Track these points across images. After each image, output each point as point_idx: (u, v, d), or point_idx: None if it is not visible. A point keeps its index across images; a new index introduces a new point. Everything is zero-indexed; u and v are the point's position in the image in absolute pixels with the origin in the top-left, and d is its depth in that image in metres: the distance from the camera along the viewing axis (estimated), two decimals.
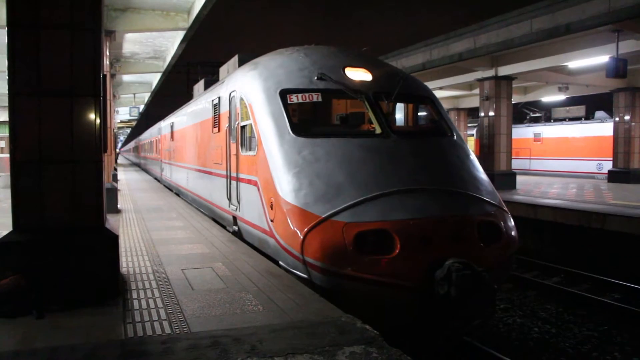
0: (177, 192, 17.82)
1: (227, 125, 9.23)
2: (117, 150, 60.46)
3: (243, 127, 8.20)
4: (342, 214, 5.79)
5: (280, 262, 6.51)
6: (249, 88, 7.88)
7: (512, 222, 6.64)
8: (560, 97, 26.62)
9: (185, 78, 28.96)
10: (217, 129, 10.32)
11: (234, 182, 8.73)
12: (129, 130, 78.52)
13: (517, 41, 17.03)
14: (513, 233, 6.55)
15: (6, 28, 5.03)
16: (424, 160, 6.86)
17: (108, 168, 13.81)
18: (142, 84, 31.41)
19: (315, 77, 7.41)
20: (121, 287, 5.55)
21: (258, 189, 7.22)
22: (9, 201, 5.20)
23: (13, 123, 5.09)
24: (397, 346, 3.97)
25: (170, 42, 19.12)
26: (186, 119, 15.24)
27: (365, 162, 6.51)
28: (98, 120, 5.30)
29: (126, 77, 27.76)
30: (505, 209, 6.76)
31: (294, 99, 7.27)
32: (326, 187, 6.12)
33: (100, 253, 5.25)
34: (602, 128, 27.61)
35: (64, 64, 5.15)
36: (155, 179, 26.53)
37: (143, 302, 5.14)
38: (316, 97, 7.31)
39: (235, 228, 8.86)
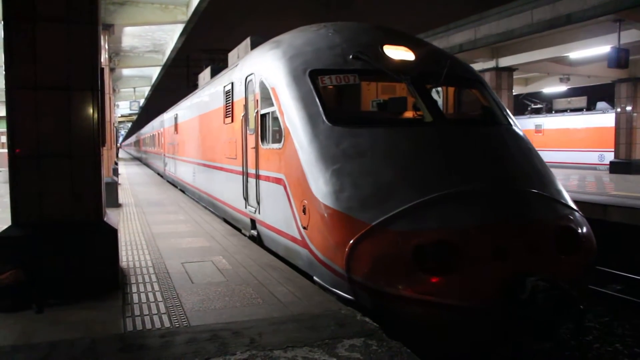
0: (182, 189, 16.79)
1: (242, 114, 8.21)
2: (118, 144, 60.46)
3: (264, 116, 7.21)
4: (396, 221, 4.79)
5: (315, 278, 5.49)
6: (272, 69, 6.79)
7: (588, 226, 5.57)
8: (562, 88, 26.56)
9: (186, 72, 28.92)
10: (229, 118, 9.20)
11: (252, 180, 7.71)
12: (129, 125, 78.50)
13: (517, 32, 16.96)
14: (591, 239, 5.50)
15: (2, 22, 5.00)
16: (484, 153, 5.89)
17: (108, 162, 13.81)
18: (142, 78, 31.35)
19: (350, 56, 6.35)
20: (121, 281, 5.55)
21: (285, 189, 6.18)
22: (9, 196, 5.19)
23: (10, 118, 5.07)
24: (397, 339, 3.96)
25: (169, 36, 19.06)
26: (192, 109, 14.16)
27: (418, 156, 5.55)
28: (96, 114, 5.28)
29: (126, 71, 27.69)
30: (578, 210, 5.72)
31: (327, 81, 6.23)
32: (373, 187, 5.15)
33: (99, 247, 5.25)
34: (604, 119, 27.53)
35: (61, 58, 5.13)
36: (158, 174, 25.65)
37: (143, 296, 5.14)
38: (353, 79, 6.34)
39: (254, 232, 7.81)
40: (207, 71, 13.49)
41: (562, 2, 15.16)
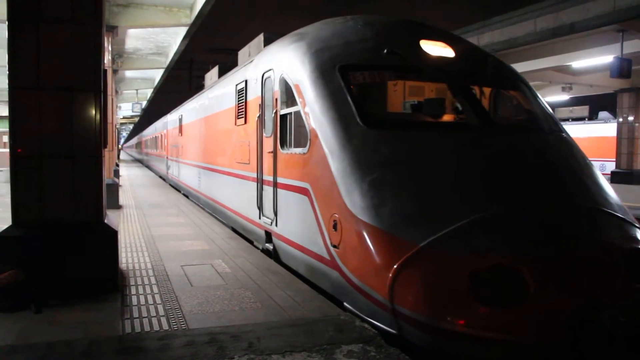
0: (186, 194, 15.95)
1: (257, 114, 7.48)
2: (120, 146, 60.56)
3: (284, 117, 6.48)
4: (448, 241, 4.08)
5: (346, 305, 4.75)
6: (295, 64, 6.05)
7: None
8: (564, 97, 26.57)
9: (189, 75, 28.94)
10: (242, 119, 8.44)
11: (268, 188, 6.99)
12: (131, 127, 78.63)
13: (520, 40, 17.00)
14: None
15: (6, 22, 5.02)
16: (540, 163, 5.21)
17: (109, 164, 13.82)
18: (144, 80, 31.42)
19: (385, 51, 5.65)
20: (120, 282, 5.54)
21: (310, 200, 5.45)
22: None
23: (13, 118, 5.08)
24: (395, 345, 3.95)
25: (172, 38, 19.11)
26: (198, 110, 13.41)
27: (467, 164, 4.89)
28: (98, 116, 5.29)
29: (129, 73, 27.76)
30: None
31: (359, 78, 5.62)
32: (418, 201, 4.48)
33: (99, 248, 5.25)
34: (605, 128, 27.55)
35: (64, 59, 5.14)
36: (161, 177, 24.94)
37: (141, 298, 5.13)
38: (389, 77, 5.83)
39: (269, 246, 7.03)
40: (214, 70, 12.85)
41: (565, 12, 15.20)
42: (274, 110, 6.72)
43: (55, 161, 5.17)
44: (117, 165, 22.10)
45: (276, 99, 6.68)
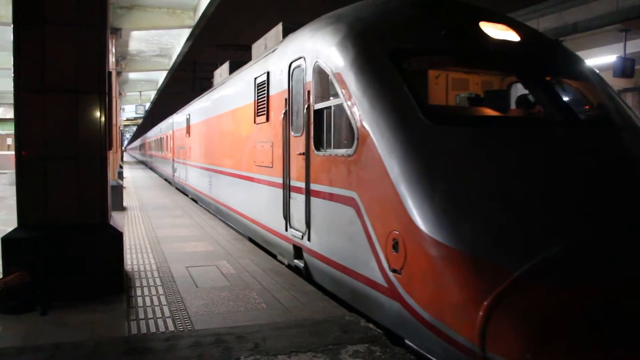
0: (195, 198, 15.02)
1: (283, 110, 6.60)
2: (123, 148, 60.78)
3: (319, 112, 5.61)
4: (552, 268, 3.28)
5: (408, 342, 3.92)
6: (335, 49, 5.15)
7: None
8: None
9: (192, 76, 29.01)
10: (263, 117, 7.57)
11: (297, 196, 6.12)
12: (135, 128, 78.85)
13: None
14: None
15: (12, 25, 5.04)
16: (635, 165, 4.49)
17: (113, 165, 13.87)
18: (148, 82, 31.55)
19: (443, 32, 4.83)
20: (125, 284, 5.55)
21: (358, 213, 4.54)
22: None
23: (18, 120, 5.11)
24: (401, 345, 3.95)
25: (176, 40, 19.18)
26: (209, 109, 12.41)
27: (560, 169, 4.09)
28: (103, 118, 5.31)
29: (132, 75, 27.87)
30: None
31: (416, 64, 4.90)
32: (507, 215, 3.67)
33: (104, 250, 5.27)
34: None
35: (69, 61, 5.17)
36: (166, 180, 23.96)
37: (147, 300, 5.15)
38: (450, 63, 5.14)
39: (300, 264, 6.06)
40: (224, 66, 12.01)
41: (568, 11, 15.19)
42: (306, 105, 5.85)
43: (61, 163, 5.19)
44: (121, 167, 22.17)
45: (308, 92, 5.80)
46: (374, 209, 4.34)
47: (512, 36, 5.18)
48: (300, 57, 6.06)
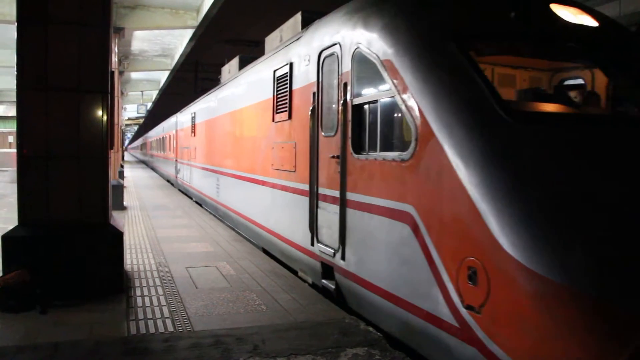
0: (200, 202, 14.22)
1: (311, 106, 5.76)
2: (124, 147, 60.86)
3: (359, 108, 4.80)
4: None
5: None
6: (383, 33, 4.34)
7: None
8: None
9: (194, 77, 29.02)
10: (284, 114, 6.76)
11: (327, 206, 5.34)
12: (136, 128, 78.96)
13: None
14: None
15: (15, 24, 5.04)
16: None
17: (114, 165, 13.87)
18: (150, 82, 31.59)
19: (513, 14, 4.11)
20: (125, 284, 5.54)
21: (416, 231, 3.76)
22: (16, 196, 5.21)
23: (20, 118, 5.11)
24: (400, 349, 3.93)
25: (178, 40, 19.21)
26: (217, 106, 11.48)
27: None
28: (105, 117, 5.31)
29: (134, 75, 27.92)
30: None
31: (486, 51, 4.24)
32: (626, 242, 2.98)
33: (104, 249, 5.26)
34: None
35: (72, 60, 5.17)
36: (168, 181, 23.33)
37: (147, 300, 5.14)
38: (525, 51, 4.44)
39: (330, 285, 5.25)
40: (233, 62, 11.26)
41: None
42: (342, 100, 5.03)
43: (62, 162, 5.19)
44: (122, 166, 22.17)
45: (345, 84, 4.99)
46: (439, 228, 3.54)
47: (588, 21, 4.45)
48: (335, 44, 5.24)
